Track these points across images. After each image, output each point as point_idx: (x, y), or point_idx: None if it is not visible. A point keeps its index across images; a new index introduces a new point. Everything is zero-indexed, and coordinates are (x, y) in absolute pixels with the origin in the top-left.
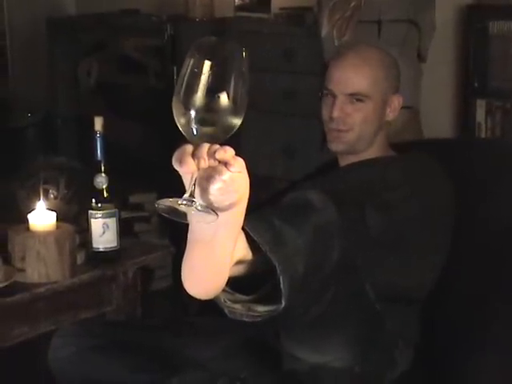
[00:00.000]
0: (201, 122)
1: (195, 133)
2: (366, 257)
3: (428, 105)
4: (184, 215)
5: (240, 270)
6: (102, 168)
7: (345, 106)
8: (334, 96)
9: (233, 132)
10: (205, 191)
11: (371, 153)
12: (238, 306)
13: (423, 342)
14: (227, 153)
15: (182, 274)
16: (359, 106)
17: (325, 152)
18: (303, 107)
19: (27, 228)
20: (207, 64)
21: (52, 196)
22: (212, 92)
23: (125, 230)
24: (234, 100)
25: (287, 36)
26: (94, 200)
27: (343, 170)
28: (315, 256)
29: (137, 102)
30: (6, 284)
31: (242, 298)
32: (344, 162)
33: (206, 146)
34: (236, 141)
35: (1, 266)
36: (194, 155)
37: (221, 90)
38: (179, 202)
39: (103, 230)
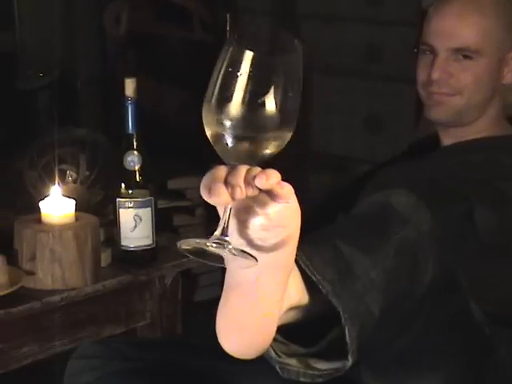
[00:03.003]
0: (238, 137)
1: (231, 151)
2: (471, 269)
3: None
4: (217, 257)
5: (295, 316)
6: (134, 144)
7: (448, 64)
8: (435, 52)
9: (279, 150)
10: (244, 228)
11: (481, 126)
12: (293, 362)
13: None
14: (270, 179)
15: (217, 325)
16: (467, 64)
17: (420, 126)
18: (392, 67)
19: (38, 220)
20: (248, 59)
21: (70, 179)
22: (254, 97)
23: (162, 223)
24: (282, 108)
25: None
26: (123, 185)
27: (445, 152)
28: (397, 288)
29: (178, 60)
30: (11, 291)
31: (298, 350)
32: (447, 138)
33: (243, 170)
34: (304, 113)
35: (5, 268)
36: (227, 182)
37: (265, 95)
38: (208, 244)
39: (135, 224)
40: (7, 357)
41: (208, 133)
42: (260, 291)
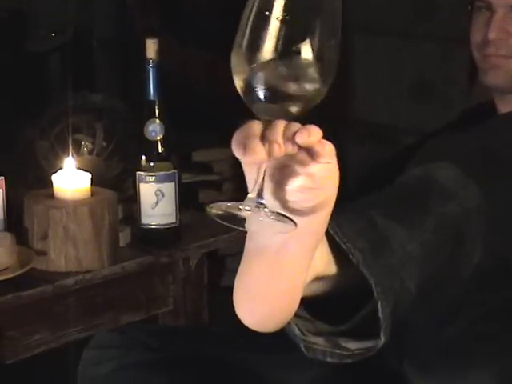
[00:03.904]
0: (271, 87)
1: (264, 105)
2: None
3: None
4: (244, 221)
5: (320, 288)
6: (156, 111)
7: (507, 22)
8: (492, 9)
9: (314, 104)
10: (279, 189)
11: None
12: (319, 341)
13: None
14: (312, 135)
15: (234, 295)
16: None
17: (473, 92)
18: (442, 27)
19: (51, 195)
20: (282, 0)
21: (85, 150)
22: (289, 44)
23: (186, 199)
24: (319, 57)
25: None
26: (143, 157)
27: (502, 120)
28: (437, 265)
29: (205, 18)
30: (20, 273)
31: (325, 328)
32: (504, 105)
33: (281, 125)
34: (344, 77)
35: (14, 248)
36: (263, 138)
37: (301, 42)
38: (241, 207)
39: (156, 200)
40: (17, 345)
41: (237, 83)
42: (286, 258)
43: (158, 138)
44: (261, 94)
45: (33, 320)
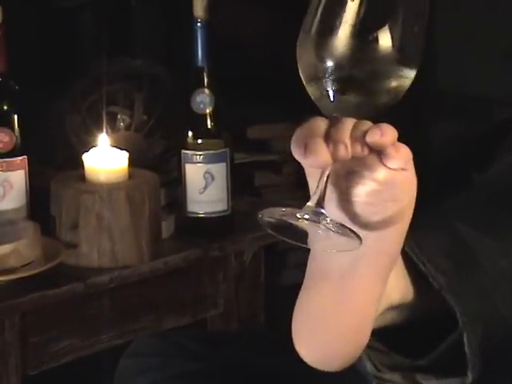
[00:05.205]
0: (342, 80)
1: (333, 99)
2: None
3: None
4: (306, 236)
5: (395, 318)
6: (205, 80)
7: None
8: None
9: (394, 101)
10: (344, 199)
11: None
12: (396, 378)
13: None
14: (386, 135)
15: (293, 325)
16: None
17: None
18: None
19: (82, 177)
20: None
21: (122, 125)
22: (365, 31)
23: (240, 183)
24: (400, 46)
25: None
26: (190, 133)
27: None
28: None
29: None
30: (46, 268)
31: (403, 361)
32: None
33: (349, 124)
34: (426, 41)
35: (39, 240)
36: (328, 138)
37: (380, 29)
38: (299, 215)
39: (205, 183)
40: (42, 353)
41: (303, 74)
42: (354, 284)
43: (207, 110)
44: (329, 88)
45: (60, 324)
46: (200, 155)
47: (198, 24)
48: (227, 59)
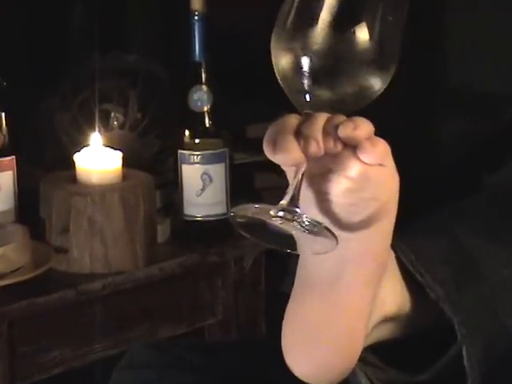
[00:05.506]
0: (318, 75)
1: (308, 97)
2: None
3: None
4: (285, 239)
5: (390, 331)
6: (203, 76)
7: None
8: None
9: (371, 99)
10: (321, 198)
11: None
12: None
13: None
14: (360, 129)
15: (283, 338)
16: None
17: None
18: None
19: (73, 178)
20: None
21: (115, 123)
22: (342, 25)
23: (240, 185)
24: (379, 39)
25: None
26: (187, 132)
27: None
28: None
29: None
30: (35, 274)
31: (399, 376)
32: None
33: (321, 118)
34: (434, 33)
35: (26, 244)
36: (299, 133)
37: (357, 22)
38: (272, 213)
39: (203, 185)
40: (31, 364)
41: (277, 69)
42: (341, 292)
43: (205, 108)
44: (305, 83)
45: (50, 333)
46: (197, 155)
47: (196, 17)
48: (226, 54)
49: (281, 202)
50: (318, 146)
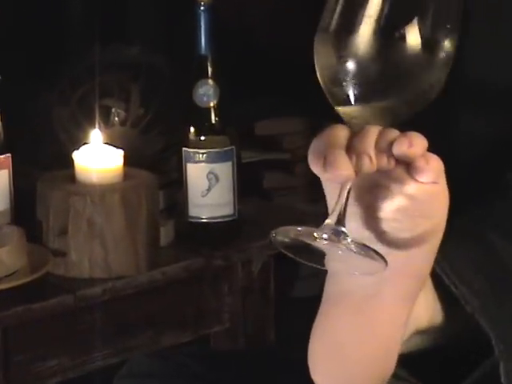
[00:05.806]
0: (367, 84)
1: (355, 105)
2: None
3: None
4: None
5: (423, 343)
6: (209, 70)
7: None
8: None
9: (426, 105)
10: (368, 216)
11: None
12: None
13: None
14: (415, 146)
15: (310, 353)
16: None
17: None
18: None
19: (71, 178)
20: None
21: (117, 120)
22: (390, 27)
23: (248, 184)
24: (430, 44)
25: None
26: (192, 128)
27: None
28: None
29: None
30: (32, 278)
31: None
32: None
33: (373, 133)
34: None
35: (22, 247)
36: (350, 148)
37: (407, 25)
38: (316, 234)
39: (209, 185)
40: (26, 373)
41: (321, 76)
42: (378, 307)
43: (211, 104)
44: (351, 92)
45: (47, 341)
46: (203, 154)
47: (201, 7)
48: (233, 46)
49: (326, 222)
50: (372, 162)
